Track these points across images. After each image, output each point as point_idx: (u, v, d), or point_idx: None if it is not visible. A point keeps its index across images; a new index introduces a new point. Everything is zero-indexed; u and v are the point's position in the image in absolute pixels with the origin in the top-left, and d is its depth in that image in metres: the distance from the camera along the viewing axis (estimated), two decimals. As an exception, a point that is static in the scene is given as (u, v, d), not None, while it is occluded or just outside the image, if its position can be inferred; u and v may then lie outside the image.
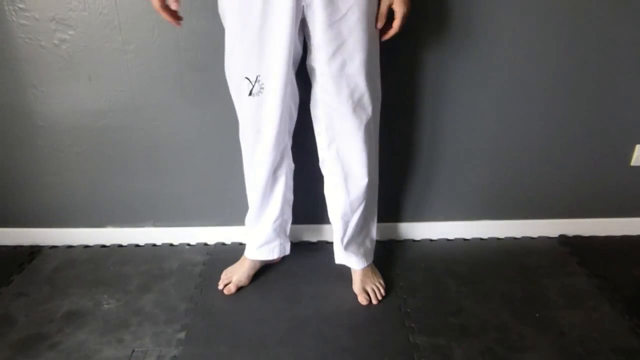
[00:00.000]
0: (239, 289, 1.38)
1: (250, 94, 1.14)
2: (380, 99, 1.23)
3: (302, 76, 1.22)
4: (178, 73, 1.39)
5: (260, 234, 1.39)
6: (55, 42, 1.35)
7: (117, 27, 1.33)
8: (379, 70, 1.20)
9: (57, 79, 1.40)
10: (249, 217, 1.40)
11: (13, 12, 1.32)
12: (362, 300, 1.33)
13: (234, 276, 1.40)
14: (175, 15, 1.11)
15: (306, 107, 1.26)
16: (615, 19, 1.35)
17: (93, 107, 1.43)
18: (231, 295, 1.37)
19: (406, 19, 1.11)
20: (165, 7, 1.08)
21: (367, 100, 1.16)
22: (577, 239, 1.63)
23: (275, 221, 1.37)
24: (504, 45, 1.37)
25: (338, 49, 1.08)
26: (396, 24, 1.11)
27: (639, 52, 1.40)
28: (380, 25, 1.10)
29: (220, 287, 1.38)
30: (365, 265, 1.37)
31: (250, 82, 1.12)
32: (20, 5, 1.31)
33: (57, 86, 1.41)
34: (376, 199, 1.37)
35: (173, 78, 1.39)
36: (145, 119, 1.45)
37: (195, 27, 1.32)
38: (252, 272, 1.42)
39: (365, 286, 1.36)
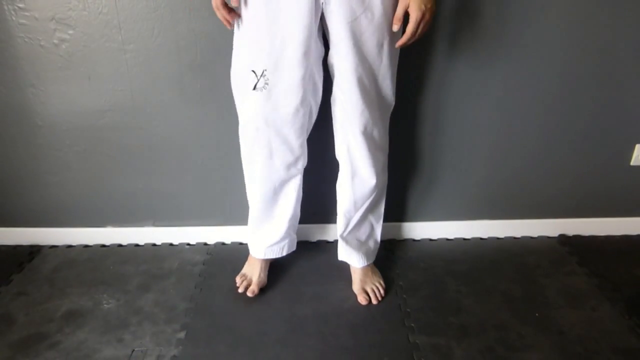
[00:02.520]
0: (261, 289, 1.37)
1: (254, 88, 1.13)
2: (392, 103, 1.22)
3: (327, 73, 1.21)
4: (178, 73, 1.39)
5: (272, 233, 1.37)
6: (55, 41, 1.35)
7: (117, 27, 1.33)
8: (394, 74, 1.18)
9: (57, 79, 1.40)
10: (254, 218, 1.37)
11: (12, 12, 1.32)
12: (362, 300, 1.33)
13: (253, 278, 1.37)
14: (230, 14, 1.08)
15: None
16: (615, 19, 1.35)
17: (92, 106, 1.43)
18: (231, 295, 1.36)
19: (425, 26, 1.04)
20: (224, 7, 1.07)
21: (377, 102, 1.16)
22: (577, 239, 1.63)
23: (289, 220, 1.35)
24: (504, 45, 1.37)
25: (351, 48, 1.07)
26: (409, 30, 1.03)
27: (639, 52, 1.40)
28: (395, 28, 1.05)
29: (241, 290, 1.35)
30: (365, 264, 1.37)
31: (256, 75, 1.12)
32: (20, 5, 1.31)
33: (57, 86, 1.40)
34: (383, 201, 1.37)
35: (173, 78, 1.39)
36: (144, 119, 1.45)
37: (195, 27, 1.32)
38: (267, 269, 1.42)
39: (364, 286, 1.36)
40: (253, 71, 1.11)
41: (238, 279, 1.39)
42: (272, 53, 1.08)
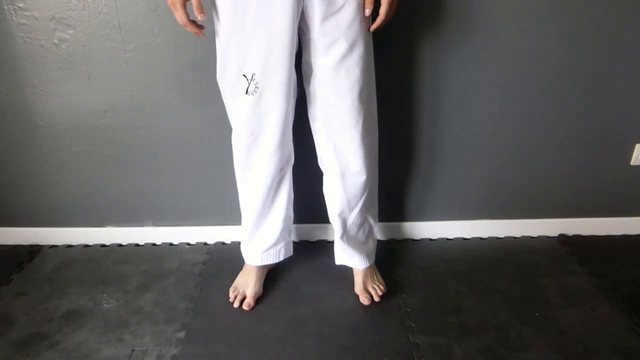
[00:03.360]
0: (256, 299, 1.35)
1: (246, 92, 1.12)
2: (375, 93, 1.22)
3: (300, 73, 1.21)
4: (178, 73, 1.39)
5: (267, 236, 1.35)
6: (55, 41, 1.35)
7: (117, 27, 1.33)
8: (373, 64, 1.19)
9: (57, 78, 1.40)
10: (249, 224, 1.35)
11: (12, 12, 1.32)
12: (364, 300, 1.32)
13: (247, 290, 1.34)
14: (198, 27, 1.10)
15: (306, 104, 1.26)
16: (615, 18, 1.35)
17: (92, 106, 1.43)
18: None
19: (395, 6, 1.09)
20: (191, 22, 1.08)
21: (365, 94, 1.15)
22: (577, 238, 1.63)
23: (283, 220, 1.33)
24: (503, 43, 1.37)
25: (336, 41, 1.07)
26: (382, 11, 1.08)
27: (639, 52, 1.40)
28: (367, 12, 1.07)
29: (236, 305, 1.31)
30: (368, 265, 1.36)
31: (247, 79, 1.11)
32: (20, 5, 1.31)
33: (57, 85, 1.40)
34: (376, 198, 1.36)
35: (173, 78, 1.39)
36: (144, 119, 1.45)
37: (195, 27, 1.32)
38: (263, 279, 1.39)
39: (366, 286, 1.35)
40: (244, 75, 1.11)
41: (231, 293, 1.35)
42: (260, 56, 1.08)
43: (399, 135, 1.48)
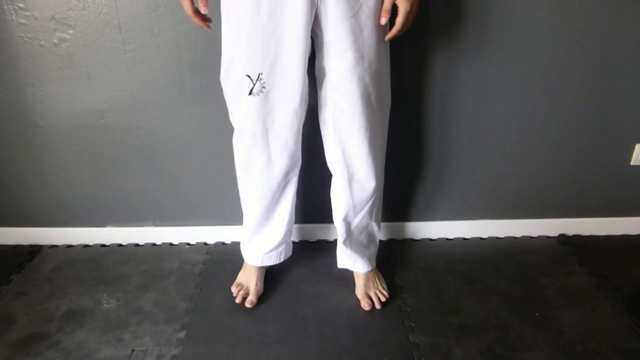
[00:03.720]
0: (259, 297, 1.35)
1: (250, 93, 1.11)
2: (390, 101, 1.22)
3: (311, 77, 1.20)
4: (178, 73, 1.39)
5: (269, 239, 1.35)
6: (55, 41, 1.35)
7: (117, 27, 1.33)
8: (389, 71, 1.18)
9: (57, 78, 1.40)
10: (250, 225, 1.34)
11: (12, 11, 1.32)
12: (365, 305, 1.31)
13: (250, 287, 1.35)
14: (205, 19, 1.11)
15: (315, 105, 1.25)
16: (616, 20, 1.35)
17: (92, 106, 1.43)
18: (232, 295, 1.36)
19: (412, 17, 1.08)
20: (197, 13, 1.09)
21: (376, 100, 1.15)
22: (577, 239, 1.63)
23: (287, 224, 1.33)
24: (506, 47, 1.37)
25: (350, 46, 1.06)
26: (398, 21, 1.06)
27: (639, 52, 1.40)
28: (383, 21, 1.06)
29: (239, 301, 1.32)
30: (370, 269, 1.36)
31: (252, 80, 1.10)
32: (20, 5, 1.31)
33: (57, 85, 1.40)
34: (381, 203, 1.35)
35: (173, 78, 1.39)
36: (144, 119, 1.45)
37: (195, 27, 1.32)
38: (263, 277, 1.39)
39: (368, 291, 1.34)
40: (248, 76, 1.10)
41: (234, 289, 1.36)
42: (267, 56, 1.07)
43: (402, 136, 1.48)
